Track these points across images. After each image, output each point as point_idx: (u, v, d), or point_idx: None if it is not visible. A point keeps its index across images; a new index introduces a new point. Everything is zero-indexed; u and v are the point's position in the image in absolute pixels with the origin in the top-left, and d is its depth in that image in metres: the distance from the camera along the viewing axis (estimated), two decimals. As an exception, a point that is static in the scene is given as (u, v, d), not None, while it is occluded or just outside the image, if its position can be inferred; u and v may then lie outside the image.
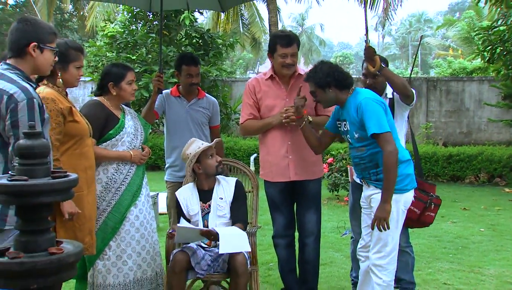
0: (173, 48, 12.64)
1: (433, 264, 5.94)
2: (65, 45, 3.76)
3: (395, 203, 3.81)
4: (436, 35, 49.49)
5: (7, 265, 2.27)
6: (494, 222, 8.18)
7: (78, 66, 3.78)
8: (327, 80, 3.87)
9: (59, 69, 3.69)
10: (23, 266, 2.27)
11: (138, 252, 4.17)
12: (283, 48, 4.36)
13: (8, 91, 3.03)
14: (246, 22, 25.62)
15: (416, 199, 4.16)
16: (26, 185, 2.32)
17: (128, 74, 4.21)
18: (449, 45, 38.18)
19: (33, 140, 2.43)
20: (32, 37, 3.16)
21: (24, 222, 2.41)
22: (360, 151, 3.90)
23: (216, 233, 3.93)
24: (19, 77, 3.12)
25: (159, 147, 12.29)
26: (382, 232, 3.78)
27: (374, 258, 3.87)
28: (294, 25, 57.19)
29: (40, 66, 3.25)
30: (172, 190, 4.91)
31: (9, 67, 3.17)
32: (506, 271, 5.70)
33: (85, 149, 3.81)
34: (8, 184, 2.33)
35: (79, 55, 3.79)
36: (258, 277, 4.24)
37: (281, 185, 4.53)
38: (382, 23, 23.70)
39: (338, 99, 3.95)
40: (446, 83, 15.80)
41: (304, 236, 4.61)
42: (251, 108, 4.55)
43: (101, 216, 4.08)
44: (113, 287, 4.07)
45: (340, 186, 9.51)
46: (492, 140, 14.78)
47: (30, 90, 3.08)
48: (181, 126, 4.91)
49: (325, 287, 5.06)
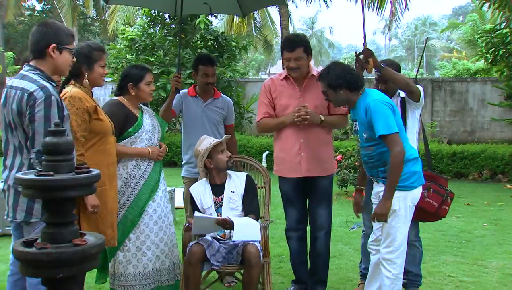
0: (189, 50, 12.64)
1: (438, 257, 5.92)
2: (88, 47, 3.83)
3: (403, 199, 3.81)
4: (440, 38, 49.23)
5: (35, 255, 2.31)
6: (497, 217, 8.13)
7: (102, 65, 3.85)
8: (338, 81, 3.86)
9: (85, 70, 3.77)
10: (50, 256, 2.30)
11: (157, 244, 4.19)
12: (287, 53, 4.41)
13: (28, 90, 3.11)
14: (259, 26, 25.59)
15: (434, 192, 4.17)
16: (51, 180, 2.35)
17: (147, 75, 4.24)
18: (453, 47, 37.97)
19: (58, 137, 2.46)
20: (51, 39, 3.24)
21: (50, 215, 2.44)
22: (369, 150, 3.90)
23: (231, 222, 3.96)
24: (40, 77, 3.20)
25: (175, 144, 12.31)
26: (392, 228, 3.79)
27: (384, 252, 3.87)
28: (305, 28, 57.03)
29: (59, 66, 3.32)
30: (189, 185, 4.92)
31: (31, 68, 3.25)
32: (508, 264, 5.67)
33: (108, 146, 3.86)
34: (35, 179, 2.37)
35: (101, 54, 3.86)
36: (270, 269, 4.25)
37: (294, 180, 4.54)
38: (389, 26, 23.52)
39: (348, 100, 3.94)
40: (451, 83, 15.72)
41: (315, 230, 4.62)
42: (266, 107, 4.58)
43: (121, 209, 4.10)
44: (133, 276, 4.10)
45: (348, 182, 9.48)
46: (495, 138, 14.70)
47: (49, 88, 3.15)
48: (197, 125, 4.92)
49: (334, 279, 5.06)
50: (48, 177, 2.35)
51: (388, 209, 3.71)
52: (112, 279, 4.17)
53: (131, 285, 4.10)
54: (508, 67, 12.82)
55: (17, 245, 2.39)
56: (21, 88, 3.14)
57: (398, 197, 3.80)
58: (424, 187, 4.06)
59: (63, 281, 2.38)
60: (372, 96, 3.85)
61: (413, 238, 4.44)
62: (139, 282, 4.11)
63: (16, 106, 3.15)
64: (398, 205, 3.81)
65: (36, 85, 3.12)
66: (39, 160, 3.04)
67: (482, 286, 4.98)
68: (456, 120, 15.40)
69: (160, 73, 12.33)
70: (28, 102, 3.10)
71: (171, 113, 4.95)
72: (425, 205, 4.19)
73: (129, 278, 4.10)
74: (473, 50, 22.66)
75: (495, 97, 14.69)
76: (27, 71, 3.24)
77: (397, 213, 3.81)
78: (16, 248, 2.36)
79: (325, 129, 4.51)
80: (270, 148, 12.66)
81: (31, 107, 3.09)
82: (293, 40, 4.50)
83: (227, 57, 13.32)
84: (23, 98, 3.11)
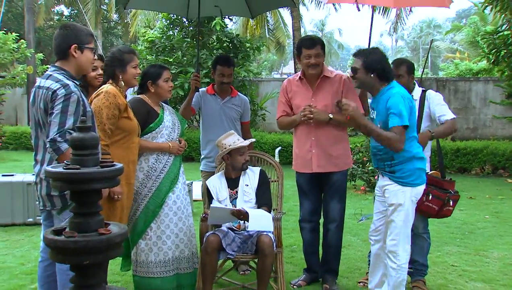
0: (206, 51, 12.65)
1: (442, 247, 5.89)
2: (119, 51, 3.94)
3: (405, 194, 3.79)
4: (445, 40, 48.75)
5: (63, 242, 2.34)
6: (498, 210, 8.09)
7: (134, 66, 3.92)
8: (374, 65, 3.79)
9: (120, 72, 3.84)
10: (77, 244, 2.33)
11: (176, 233, 4.20)
12: (307, 50, 4.40)
13: (53, 88, 3.17)
14: (272, 28, 25.56)
15: (434, 197, 4.12)
16: (78, 173, 2.38)
17: (164, 72, 4.25)
18: (457, 49, 37.63)
19: (84, 133, 2.48)
20: (72, 40, 3.30)
21: (77, 206, 2.47)
22: (379, 142, 3.87)
23: (245, 212, 3.96)
24: (64, 76, 3.25)
25: (193, 140, 12.33)
26: (396, 222, 3.78)
27: (389, 245, 3.86)
28: (315, 30, 56.86)
29: (82, 65, 3.38)
30: (207, 179, 4.93)
31: (56, 69, 3.31)
32: (508, 254, 5.64)
33: (132, 145, 3.89)
34: (63, 172, 2.39)
35: (132, 56, 3.93)
36: (282, 258, 4.24)
37: (308, 175, 4.56)
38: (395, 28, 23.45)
39: (373, 86, 3.87)
40: (454, 83, 15.61)
41: (327, 222, 4.63)
42: (284, 106, 4.63)
43: (143, 200, 4.12)
44: (154, 263, 4.12)
45: (357, 176, 9.47)
46: (496, 135, 14.61)
47: (70, 86, 3.20)
48: (215, 121, 4.92)
49: (343, 268, 5.04)
50: (75, 171, 2.37)
51: (357, 114, 3.81)
52: (134, 266, 4.19)
53: (152, 271, 4.12)
54: (509, 67, 12.84)
55: (47, 233, 2.43)
56: (46, 87, 3.20)
57: (403, 191, 3.79)
58: (425, 192, 4.00)
59: (90, 267, 2.41)
60: (396, 89, 3.79)
61: (421, 231, 4.42)
62: (160, 269, 4.12)
63: (43, 105, 3.21)
64: (403, 199, 3.79)
65: (59, 84, 3.18)
66: (53, 148, 3.08)
67: (484, 275, 4.96)
68: (460, 117, 15.26)
69: (178, 72, 12.35)
70: (52, 99, 3.16)
71: (190, 111, 4.95)
72: (425, 208, 4.16)
73: (150, 265, 4.12)
74: (475, 51, 22.52)
75: (497, 96, 14.66)
76: (52, 72, 3.30)
77: (402, 207, 3.79)
78: (47, 236, 2.39)
79: (338, 127, 4.49)
80: (282, 144, 12.66)
81: (52, 102, 3.16)
82: (311, 38, 4.58)
83: (241, 57, 13.30)
84: (48, 96, 3.17)
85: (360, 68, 3.84)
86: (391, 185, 3.83)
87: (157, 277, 4.13)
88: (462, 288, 4.62)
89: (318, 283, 4.68)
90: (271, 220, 4.04)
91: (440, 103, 4.41)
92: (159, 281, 4.13)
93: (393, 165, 3.81)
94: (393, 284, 3.82)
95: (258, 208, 4.20)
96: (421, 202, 4.04)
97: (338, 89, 4.47)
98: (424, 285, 4.50)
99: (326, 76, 4.48)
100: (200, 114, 5.16)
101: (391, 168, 3.83)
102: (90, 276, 2.44)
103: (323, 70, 4.50)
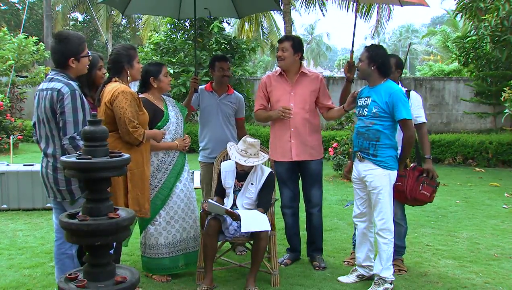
0: (205, 52, 12.59)
1: (418, 229, 5.92)
2: (125, 48, 3.86)
3: (388, 176, 3.86)
4: (421, 43, 48.79)
5: (77, 225, 2.34)
6: (467, 195, 8.14)
7: (138, 61, 3.87)
8: (377, 59, 3.90)
9: (128, 68, 3.76)
10: (90, 227, 2.33)
11: (183, 217, 4.21)
12: (278, 44, 4.54)
13: (57, 88, 3.16)
14: (266, 31, 25.47)
15: (427, 185, 4.15)
16: (90, 163, 2.38)
17: (163, 68, 4.26)
18: (432, 51, 37.74)
19: (95, 126, 2.47)
20: (68, 54, 3.26)
21: (89, 192, 2.46)
22: (367, 123, 3.91)
23: (238, 215, 3.91)
24: (65, 78, 3.24)
25: (193, 133, 12.29)
26: (381, 202, 3.85)
27: (380, 224, 3.90)
28: (305, 33, 56.72)
29: (80, 71, 3.37)
30: (205, 169, 4.93)
31: (57, 72, 3.29)
32: (475, 234, 5.71)
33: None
34: (76, 162, 2.39)
35: (135, 52, 3.89)
36: (276, 240, 4.23)
37: (286, 164, 4.55)
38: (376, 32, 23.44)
39: (371, 76, 3.95)
40: (430, 82, 15.65)
41: (310, 207, 4.64)
42: (261, 100, 4.63)
43: (153, 191, 4.11)
44: (164, 246, 4.13)
45: (343, 166, 9.47)
46: (466, 129, 14.71)
47: (73, 85, 3.19)
48: (212, 116, 4.89)
49: (330, 249, 5.06)
50: (86, 160, 2.37)
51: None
52: (143, 248, 4.19)
53: (162, 252, 4.13)
54: (477, 68, 12.97)
55: (62, 217, 2.44)
56: (50, 88, 3.19)
57: (386, 175, 3.84)
58: (420, 181, 4.10)
59: (101, 248, 2.41)
60: (397, 87, 3.91)
61: (399, 217, 4.41)
62: (168, 250, 4.14)
63: (48, 104, 3.18)
64: (386, 181, 3.85)
65: (62, 83, 3.18)
66: (72, 145, 3.07)
67: (454, 253, 5.00)
68: (435, 113, 15.32)
69: (180, 71, 12.31)
70: (58, 98, 3.14)
71: (190, 109, 4.94)
72: (421, 196, 4.14)
73: (160, 247, 4.13)
74: (447, 54, 22.86)
75: (467, 94, 14.74)
76: (54, 75, 3.28)
77: (386, 188, 3.85)
78: (62, 220, 2.40)
79: (313, 120, 4.53)
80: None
81: (60, 101, 3.13)
82: (284, 35, 4.69)
83: (238, 57, 13.25)
84: (53, 96, 3.16)
85: (365, 59, 3.94)
86: (376, 169, 3.87)
87: (166, 257, 4.14)
88: (435, 265, 4.65)
89: (300, 260, 4.73)
90: (266, 220, 3.96)
91: (419, 106, 4.44)
92: (167, 261, 4.15)
93: (377, 148, 3.85)
94: (386, 257, 3.90)
95: (255, 208, 4.14)
96: (417, 192, 4.09)
97: (316, 87, 4.52)
98: (402, 263, 4.52)
99: (304, 73, 4.52)
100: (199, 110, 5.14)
101: (374, 151, 3.87)
102: (101, 256, 2.43)
103: (302, 68, 4.53)
